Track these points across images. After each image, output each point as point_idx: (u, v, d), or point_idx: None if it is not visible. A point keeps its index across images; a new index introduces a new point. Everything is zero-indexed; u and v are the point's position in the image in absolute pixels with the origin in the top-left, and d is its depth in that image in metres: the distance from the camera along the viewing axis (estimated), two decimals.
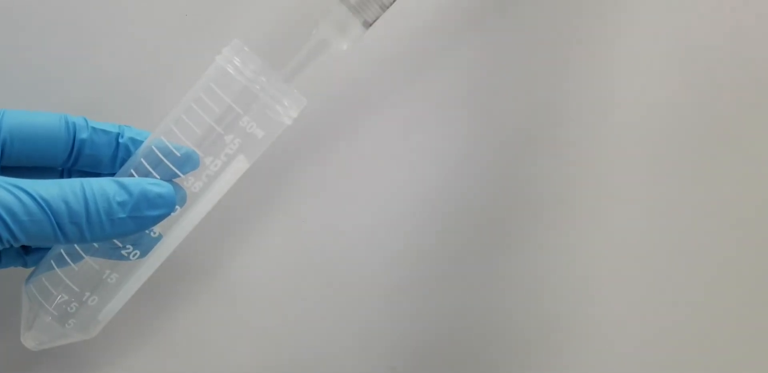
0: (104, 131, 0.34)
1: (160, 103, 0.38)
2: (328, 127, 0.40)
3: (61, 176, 0.35)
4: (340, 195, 0.41)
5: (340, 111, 0.40)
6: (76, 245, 0.32)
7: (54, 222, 0.29)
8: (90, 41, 0.38)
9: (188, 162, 0.32)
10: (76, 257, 0.33)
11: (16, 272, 0.36)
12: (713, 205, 0.43)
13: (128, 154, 0.34)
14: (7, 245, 0.29)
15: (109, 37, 0.38)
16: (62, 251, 0.33)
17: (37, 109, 0.34)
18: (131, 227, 0.30)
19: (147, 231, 0.32)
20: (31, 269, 0.35)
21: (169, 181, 0.32)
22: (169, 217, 0.31)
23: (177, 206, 0.31)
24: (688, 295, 0.43)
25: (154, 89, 0.39)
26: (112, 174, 0.34)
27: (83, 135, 0.34)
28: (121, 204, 0.30)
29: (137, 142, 0.34)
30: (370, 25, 0.32)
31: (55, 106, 0.37)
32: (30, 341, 0.35)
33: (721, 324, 0.44)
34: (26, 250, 0.35)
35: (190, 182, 0.32)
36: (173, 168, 0.31)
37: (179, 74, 0.38)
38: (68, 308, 0.33)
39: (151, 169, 0.32)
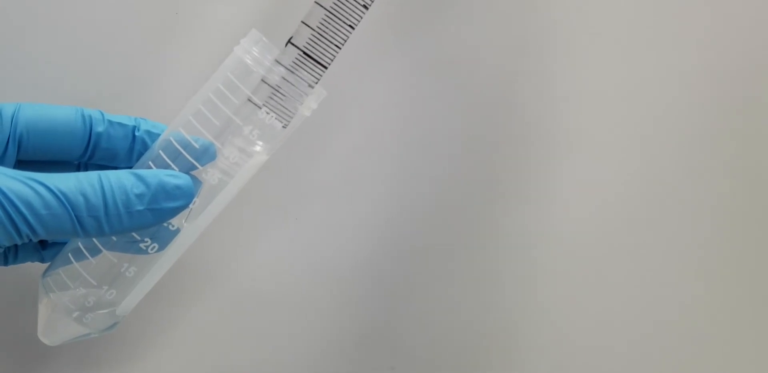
0: (120, 124, 0.34)
1: (165, 98, 0.38)
2: (323, 124, 0.40)
3: (78, 170, 0.35)
4: (339, 194, 0.41)
5: (332, 107, 0.40)
6: (93, 239, 0.32)
7: (73, 215, 0.29)
8: (94, 36, 0.38)
9: (206, 154, 0.31)
10: (94, 251, 0.32)
11: (34, 267, 0.36)
12: (708, 201, 0.43)
13: (144, 147, 0.34)
14: (26, 240, 0.29)
15: (112, 32, 0.38)
16: (80, 244, 0.33)
17: (50, 103, 0.34)
18: (149, 219, 0.30)
19: (165, 224, 0.32)
20: (48, 263, 0.35)
21: (187, 173, 0.31)
22: (187, 209, 0.31)
23: (195, 198, 0.31)
24: (683, 293, 0.43)
25: (159, 85, 0.39)
26: (129, 167, 0.33)
27: (99, 128, 0.34)
28: (139, 196, 0.30)
29: (153, 135, 0.34)
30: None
31: (67, 100, 0.37)
32: (47, 336, 0.34)
33: (713, 321, 0.44)
34: (43, 245, 0.35)
35: (208, 174, 0.32)
36: (191, 160, 0.31)
37: (185, 69, 0.38)
38: (86, 302, 0.33)
39: (169, 162, 0.31)
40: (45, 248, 0.35)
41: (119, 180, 0.30)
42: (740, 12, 0.41)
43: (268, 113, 0.31)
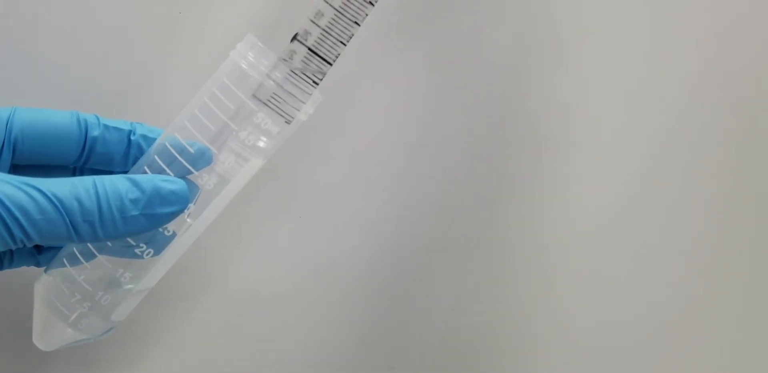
0: (116, 129, 0.34)
1: (164, 100, 0.38)
2: (322, 123, 0.40)
3: (73, 175, 0.35)
4: (338, 194, 0.41)
5: (335, 107, 0.40)
6: (88, 244, 0.32)
7: (67, 220, 0.28)
8: (93, 37, 0.38)
9: (202, 158, 0.31)
10: (89, 256, 0.32)
11: (29, 272, 0.35)
12: (709, 201, 0.43)
13: (140, 151, 0.34)
14: (21, 245, 0.29)
15: (111, 34, 0.38)
16: (75, 249, 0.33)
17: (45, 106, 0.34)
18: (144, 225, 0.30)
19: (160, 229, 0.32)
20: (43, 268, 0.34)
21: (183, 178, 0.31)
22: (182, 214, 0.31)
23: (191, 204, 0.31)
24: (689, 292, 0.43)
25: (158, 87, 0.39)
26: (125, 172, 0.33)
27: (95, 132, 0.33)
28: (134, 201, 0.30)
29: (149, 140, 0.34)
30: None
31: (65, 101, 0.37)
32: (42, 341, 0.34)
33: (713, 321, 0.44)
34: (38, 249, 0.35)
35: (204, 179, 0.32)
36: (187, 165, 0.31)
37: (184, 71, 0.38)
38: (81, 308, 0.33)
39: (164, 167, 0.31)
40: (40, 253, 0.35)
41: (114, 185, 0.30)
42: (742, 13, 0.41)
43: (264, 118, 0.31)
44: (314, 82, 0.31)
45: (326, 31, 0.31)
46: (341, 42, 0.31)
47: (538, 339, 0.43)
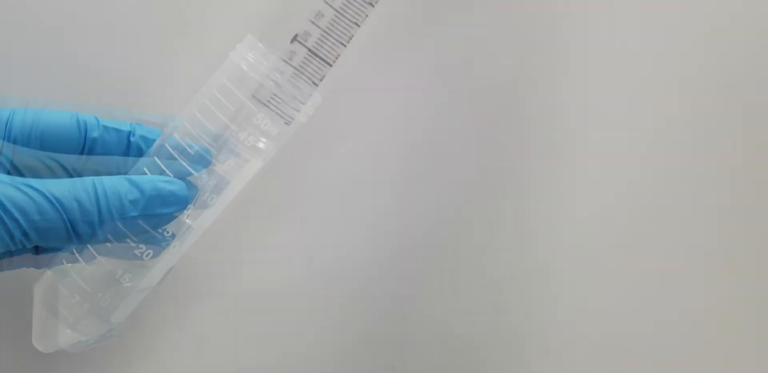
0: (116, 130, 0.34)
1: (164, 101, 0.38)
2: (324, 123, 0.40)
3: (73, 176, 0.35)
4: (339, 194, 0.41)
5: (336, 108, 0.40)
6: (88, 245, 0.32)
7: (67, 221, 0.29)
8: (92, 38, 0.38)
9: (201, 159, 0.31)
10: (88, 257, 0.32)
11: (28, 273, 0.35)
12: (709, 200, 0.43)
13: (140, 152, 0.34)
14: (20, 246, 0.29)
15: (111, 34, 0.38)
16: (74, 250, 0.32)
17: (46, 106, 0.34)
18: (144, 226, 0.30)
19: (160, 230, 0.32)
20: (43, 269, 0.34)
21: (182, 179, 0.31)
22: (182, 215, 0.31)
23: (190, 205, 0.31)
24: (689, 293, 0.43)
25: (157, 87, 0.39)
26: (124, 173, 0.33)
27: (94, 134, 0.33)
28: (133, 202, 0.30)
29: (149, 141, 0.34)
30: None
31: (63, 104, 0.37)
32: (42, 343, 0.34)
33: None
34: (38, 250, 0.35)
35: (203, 180, 0.32)
36: (186, 166, 0.31)
37: (183, 72, 0.38)
38: (80, 309, 0.33)
39: (164, 168, 0.31)
40: (39, 254, 0.35)
41: (114, 186, 0.30)
42: (743, 12, 0.41)
43: (264, 119, 0.31)
44: (314, 83, 0.31)
45: (326, 32, 0.31)
46: (341, 43, 0.31)
47: (539, 339, 0.43)
